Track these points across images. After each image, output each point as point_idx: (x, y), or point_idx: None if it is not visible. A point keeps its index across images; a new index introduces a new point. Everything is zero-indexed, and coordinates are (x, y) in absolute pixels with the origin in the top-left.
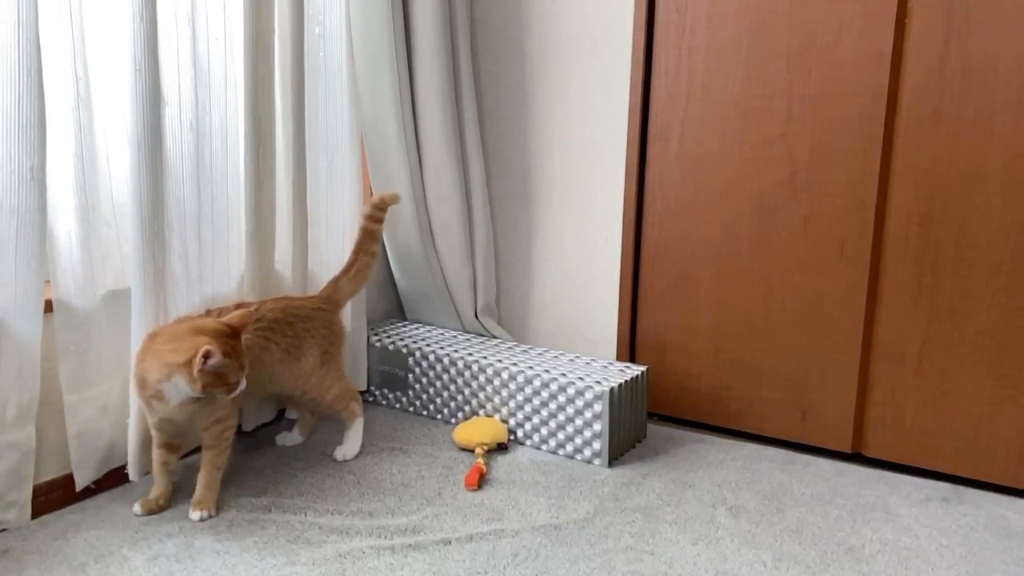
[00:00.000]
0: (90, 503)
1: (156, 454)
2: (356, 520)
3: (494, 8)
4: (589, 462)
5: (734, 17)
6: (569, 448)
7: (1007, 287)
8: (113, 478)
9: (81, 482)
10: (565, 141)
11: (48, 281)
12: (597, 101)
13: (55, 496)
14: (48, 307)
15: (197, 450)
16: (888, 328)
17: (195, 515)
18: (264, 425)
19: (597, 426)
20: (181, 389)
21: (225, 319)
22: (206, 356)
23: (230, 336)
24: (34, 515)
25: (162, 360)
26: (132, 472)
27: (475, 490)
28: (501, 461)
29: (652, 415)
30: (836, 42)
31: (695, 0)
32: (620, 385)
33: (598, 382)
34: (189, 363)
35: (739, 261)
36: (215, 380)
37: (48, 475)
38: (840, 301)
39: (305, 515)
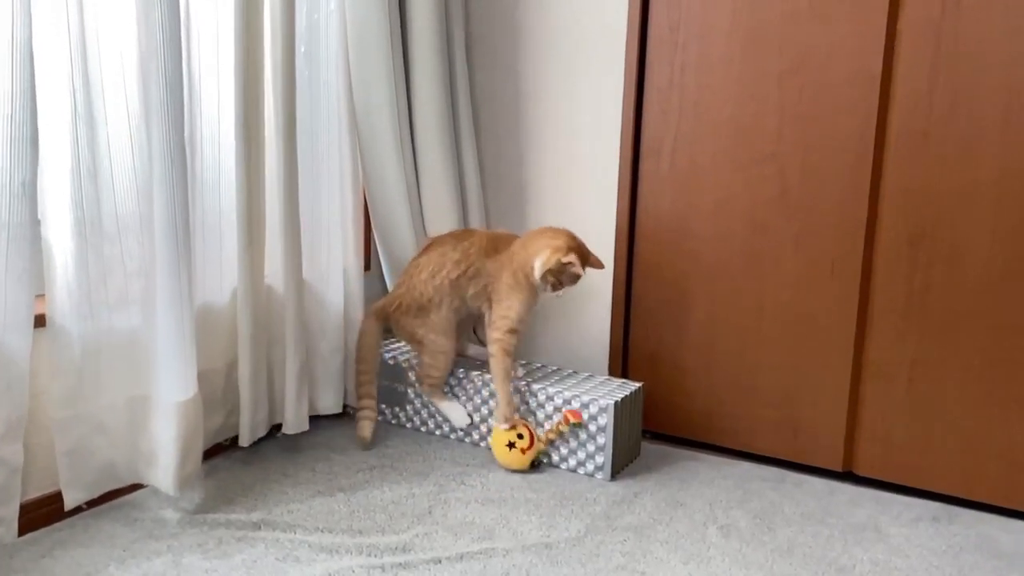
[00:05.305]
0: (78, 520)
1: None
2: (346, 538)
3: (489, 25)
4: (591, 476)
5: (726, 35)
6: (572, 462)
7: (996, 305)
8: (103, 496)
9: (71, 501)
10: (558, 156)
11: (40, 296)
12: (590, 117)
13: (43, 513)
14: (41, 322)
15: (216, 451)
16: (878, 346)
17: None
18: (263, 440)
19: (601, 439)
20: (536, 270)
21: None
22: (568, 259)
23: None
24: (21, 532)
25: (537, 247)
26: (174, 484)
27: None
28: (492, 479)
29: (644, 432)
30: (827, 62)
31: (688, 18)
32: (623, 399)
33: (598, 397)
34: (558, 250)
35: (731, 278)
36: (553, 275)
37: (36, 492)
38: (831, 318)
39: (294, 533)
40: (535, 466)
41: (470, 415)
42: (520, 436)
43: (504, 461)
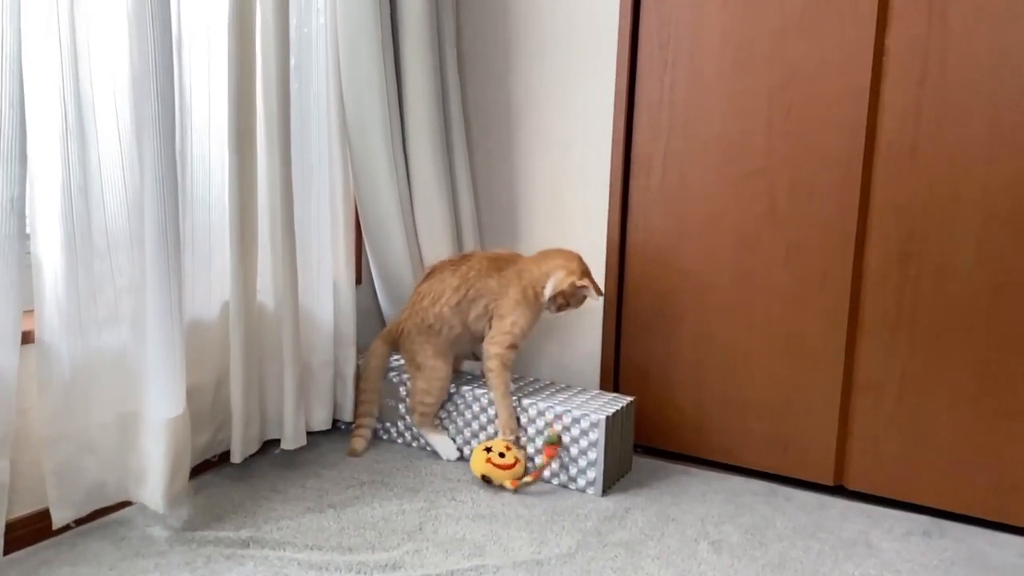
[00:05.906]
0: (65, 539)
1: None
2: (335, 556)
3: (481, 40)
4: (583, 491)
5: (716, 53)
6: (563, 477)
7: (985, 319)
8: (91, 514)
9: (59, 520)
10: (550, 172)
11: (29, 312)
12: (581, 133)
13: (29, 532)
14: (29, 338)
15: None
16: (868, 360)
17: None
18: (252, 456)
19: (592, 454)
20: (549, 290)
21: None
22: (583, 283)
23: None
24: (7, 551)
25: (550, 267)
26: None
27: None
28: (482, 495)
29: (635, 447)
30: (816, 79)
31: (677, 36)
32: (615, 414)
33: (589, 412)
34: (572, 272)
35: (721, 293)
36: (563, 297)
37: (23, 510)
38: (821, 333)
39: (284, 550)
40: (484, 480)
41: (460, 450)
42: (502, 455)
43: (472, 458)
